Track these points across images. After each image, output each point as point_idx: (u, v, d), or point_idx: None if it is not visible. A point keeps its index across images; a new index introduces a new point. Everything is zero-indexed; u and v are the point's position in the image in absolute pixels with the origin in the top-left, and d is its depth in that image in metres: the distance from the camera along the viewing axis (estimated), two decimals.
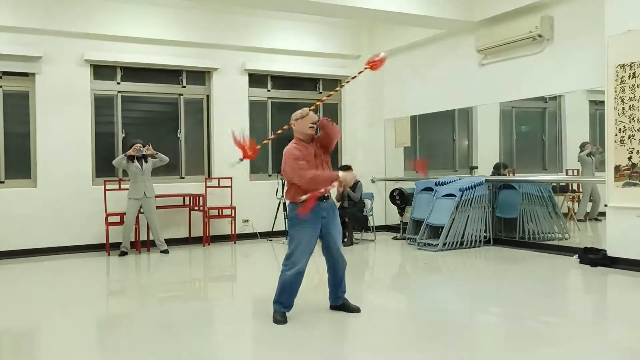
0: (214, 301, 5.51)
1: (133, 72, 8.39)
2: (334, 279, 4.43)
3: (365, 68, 4.31)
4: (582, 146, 7.36)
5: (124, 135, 8.32)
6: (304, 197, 3.99)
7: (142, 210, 7.71)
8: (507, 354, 3.71)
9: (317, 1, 6.95)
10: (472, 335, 4.08)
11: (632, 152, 5.96)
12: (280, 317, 4.20)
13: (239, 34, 8.81)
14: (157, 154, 7.71)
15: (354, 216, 8.23)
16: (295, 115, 4.29)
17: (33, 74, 7.71)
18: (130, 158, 7.56)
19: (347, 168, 8.41)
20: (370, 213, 8.75)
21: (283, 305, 4.25)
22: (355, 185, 8.36)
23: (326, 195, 4.17)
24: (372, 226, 8.80)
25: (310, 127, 4.29)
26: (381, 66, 4.32)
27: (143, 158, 7.62)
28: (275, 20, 8.94)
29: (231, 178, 8.61)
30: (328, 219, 4.26)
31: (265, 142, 4.39)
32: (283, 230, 8.77)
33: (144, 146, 7.59)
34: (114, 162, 7.70)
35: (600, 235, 6.88)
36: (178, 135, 8.76)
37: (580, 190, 7.91)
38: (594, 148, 7.14)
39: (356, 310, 4.43)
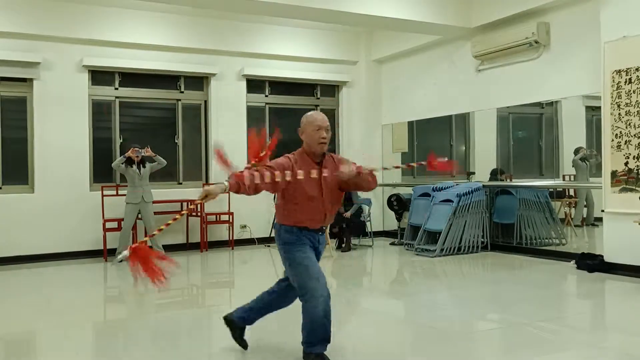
0: (211, 308, 5.50)
1: (131, 78, 8.40)
2: (267, 305, 3.74)
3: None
4: (577, 151, 7.39)
5: (121, 140, 8.32)
6: None
7: (139, 216, 7.70)
8: None
9: (316, 7, 6.98)
10: (469, 342, 4.08)
11: (628, 158, 5.98)
12: None
13: (237, 40, 8.83)
14: (155, 156, 7.72)
15: (351, 222, 8.23)
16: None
17: (31, 80, 7.71)
18: (129, 162, 7.56)
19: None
20: (368, 219, 8.75)
21: (315, 344, 3.41)
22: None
23: (322, 228, 3.53)
24: (370, 232, 8.81)
25: (320, 141, 3.40)
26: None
27: (141, 163, 7.63)
28: (273, 26, 8.96)
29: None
30: (317, 252, 3.55)
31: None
32: None
33: (142, 148, 7.61)
34: (113, 164, 7.71)
35: (597, 240, 6.89)
36: (176, 141, 8.76)
37: (577, 195, 7.93)
38: (588, 152, 7.16)
39: (244, 346, 3.73)
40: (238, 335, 3.77)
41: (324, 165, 3.44)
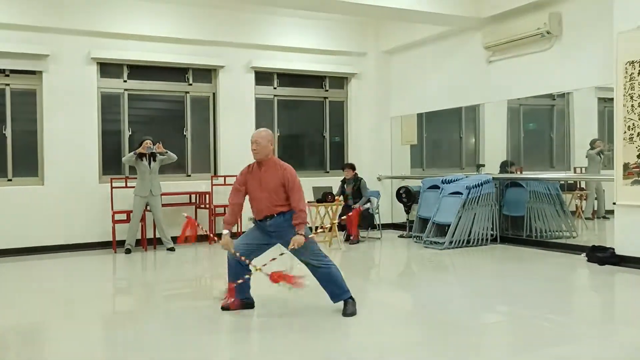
0: (219, 299, 5.49)
1: (139, 70, 8.40)
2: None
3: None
4: (592, 143, 7.30)
5: (130, 133, 8.34)
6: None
7: (148, 208, 7.72)
8: (514, 353, 3.68)
9: None
10: (478, 334, 4.05)
11: None
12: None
13: (245, 32, 8.80)
14: (167, 152, 7.72)
15: (360, 214, 8.19)
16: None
17: (40, 72, 7.73)
18: (140, 156, 7.56)
19: (351, 166, 8.42)
20: (377, 211, 8.72)
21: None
22: (359, 183, 8.33)
23: (269, 215, 4.52)
24: (379, 224, 8.78)
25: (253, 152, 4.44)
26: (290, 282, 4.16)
27: (152, 156, 7.63)
28: (281, 17, 8.92)
29: (237, 176, 8.59)
30: (277, 235, 4.51)
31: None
32: None
33: (154, 144, 7.60)
34: (123, 159, 7.73)
35: (608, 233, 6.83)
36: (184, 133, 8.77)
37: (587, 188, 7.86)
38: (605, 146, 7.07)
39: (348, 314, 4.22)
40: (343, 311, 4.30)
41: (263, 170, 4.47)
